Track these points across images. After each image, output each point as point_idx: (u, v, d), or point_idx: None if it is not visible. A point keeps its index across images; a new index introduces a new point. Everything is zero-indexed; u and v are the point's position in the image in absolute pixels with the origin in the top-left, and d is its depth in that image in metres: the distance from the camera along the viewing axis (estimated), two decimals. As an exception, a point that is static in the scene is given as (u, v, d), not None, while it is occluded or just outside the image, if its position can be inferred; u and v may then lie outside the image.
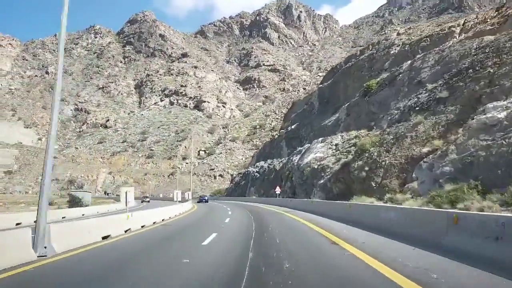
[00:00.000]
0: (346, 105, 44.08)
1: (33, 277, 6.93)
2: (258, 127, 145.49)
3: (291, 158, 45.99)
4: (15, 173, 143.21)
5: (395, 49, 46.69)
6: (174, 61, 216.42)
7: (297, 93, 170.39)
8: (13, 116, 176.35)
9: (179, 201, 32.59)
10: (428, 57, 33.61)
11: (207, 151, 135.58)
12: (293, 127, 61.81)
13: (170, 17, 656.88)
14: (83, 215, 30.41)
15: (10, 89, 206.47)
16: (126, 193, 15.55)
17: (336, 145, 35.39)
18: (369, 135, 31.30)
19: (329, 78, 63.75)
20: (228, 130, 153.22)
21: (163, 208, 21.51)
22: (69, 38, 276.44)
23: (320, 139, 39.67)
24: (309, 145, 43.48)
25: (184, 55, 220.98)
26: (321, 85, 63.82)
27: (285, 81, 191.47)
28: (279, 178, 48.56)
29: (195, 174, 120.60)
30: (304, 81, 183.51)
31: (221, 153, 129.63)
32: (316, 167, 34.28)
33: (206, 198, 60.86)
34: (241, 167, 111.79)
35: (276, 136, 69.45)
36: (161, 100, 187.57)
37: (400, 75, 35.94)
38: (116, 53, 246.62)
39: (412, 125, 24.70)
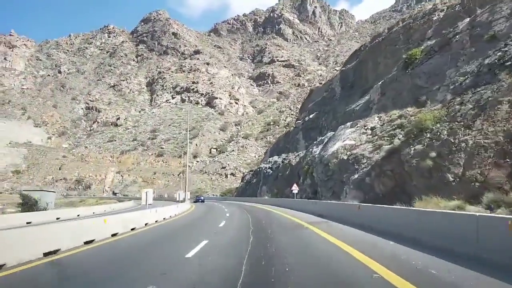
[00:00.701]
0: (380, 83, 34.93)
1: None
2: (272, 123, 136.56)
3: (310, 149, 37.00)
4: (23, 172, 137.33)
5: (438, 15, 37.34)
6: (186, 58, 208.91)
7: (314, 88, 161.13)
8: (23, 115, 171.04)
9: (150, 204, 23.76)
10: (500, 7, 24.36)
11: (218, 149, 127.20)
12: (311, 116, 52.71)
13: (184, 17, 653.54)
14: (28, 223, 22.00)
15: (22, 88, 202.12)
16: None
17: (373, 128, 26.27)
18: (421, 111, 22.16)
19: (353, 60, 54.49)
20: (240, 127, 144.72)
21: (107, 218, 12.26)
22: (83, 38, 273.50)
23: (349, 123, 30.59)
24: (333, 133, 34.46)
25: (197, 52, 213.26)
26: (343, 68, 54.54)
27: (300, 76, 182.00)
28: (296, 174, 39.58)
29: (206, 173, 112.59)
30: (320, 75, 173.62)
31: (233, 150, 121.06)
32: (345, 157, 25.24)
33: (202, 198, 61.01)
34: (254, 165, 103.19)
35: (292, 128, 60.38)
36: (173, 98, 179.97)
37: (457, 36, 26.70)
38: (129, 52, 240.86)
39: (508, 86, 15.53)
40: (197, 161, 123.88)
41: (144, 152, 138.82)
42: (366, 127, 26.88)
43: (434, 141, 17.02)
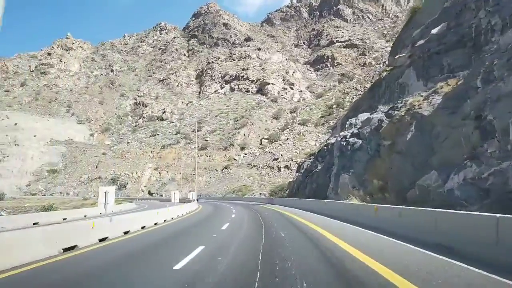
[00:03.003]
0: None
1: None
2: (334, 106, 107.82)
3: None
4: (60, 172, 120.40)
5: None
6: (236, 47, 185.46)
7: (383, 65, 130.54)
8: (67, 112, 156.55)
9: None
10: None
11: (270, 138, 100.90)
12: (434, 32, 24.50)
13: (240, 15, 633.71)
14: None
15: (75, 87, 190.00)
16: None
17: None
18: None
19: None
20: (297, 114, 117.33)
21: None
22: (136, 37, 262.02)
23: None
24: None
25: (248, 39, 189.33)
26: None
27: (366, 55, 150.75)
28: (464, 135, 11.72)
29: (254, 166, 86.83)
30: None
31: (287, 139, 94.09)
32: None
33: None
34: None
35: (385, 73, 32.14)
36: (221, 88, 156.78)
37: None
38: (180, 47, 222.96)
39: None
40: (245, 154, 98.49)
41: (187, 146, 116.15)
42: None
43: None
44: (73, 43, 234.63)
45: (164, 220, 18.62)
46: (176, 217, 21.55)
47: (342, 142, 22.41)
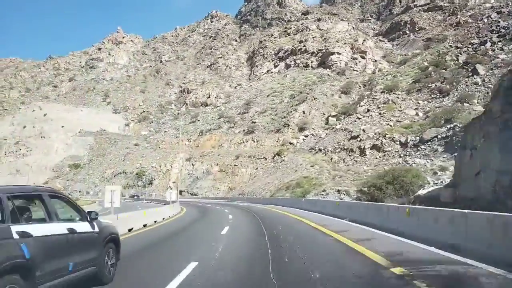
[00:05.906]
0: None
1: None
2: (431, 68, 73.86)
3: None
4: (83, 166, 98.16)
5: None
6: (292, 22, 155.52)
7: (487, 20, 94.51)
8: (104, 101, 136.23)
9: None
10: None
11: (341, 114, 69.54)
12: None
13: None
14: None
15: (116, 76, 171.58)
16: None
17: None
18: None
19: None
20: (372, 86, 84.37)
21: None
22: (188, 29, 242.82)
23: None
24: None
25: (305, 13, 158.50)
26: None
27: (457, 14, 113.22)
28: None
29: (320, 151, 56.07)
30: (492, 7, 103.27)
31: (368, 110, 62.03)
32: None
33: (137, 195, 60.07)
34: (419, 127, 43.84)
35: None
36: (275, 66, 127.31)
37: None
38: (231, 32, 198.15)
39: None
40: (305, 136, 68.08)
41: (230, 131, 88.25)
42: None
43: None
44: (123, 37, 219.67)
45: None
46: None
47: None
